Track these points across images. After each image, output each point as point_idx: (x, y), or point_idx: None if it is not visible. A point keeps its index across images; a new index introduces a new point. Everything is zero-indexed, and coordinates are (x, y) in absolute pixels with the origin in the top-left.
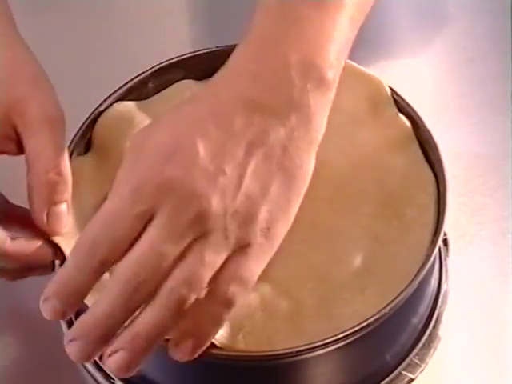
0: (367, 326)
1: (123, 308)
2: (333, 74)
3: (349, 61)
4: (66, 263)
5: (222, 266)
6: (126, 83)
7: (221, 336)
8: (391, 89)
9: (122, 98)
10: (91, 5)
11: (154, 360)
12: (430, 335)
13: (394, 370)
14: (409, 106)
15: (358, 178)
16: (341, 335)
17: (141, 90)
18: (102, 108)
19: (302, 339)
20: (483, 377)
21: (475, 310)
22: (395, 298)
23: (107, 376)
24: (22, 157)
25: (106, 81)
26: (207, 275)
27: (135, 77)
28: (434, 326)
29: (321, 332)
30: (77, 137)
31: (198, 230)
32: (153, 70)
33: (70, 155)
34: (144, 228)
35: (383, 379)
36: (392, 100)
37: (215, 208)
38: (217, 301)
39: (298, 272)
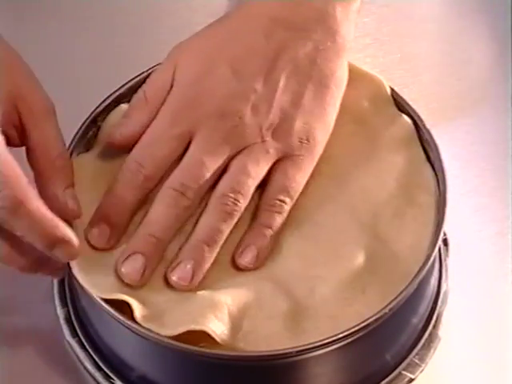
0: (367, 325)
1: (174, 212)
2: None
3: (350, 61)
4: (113, 186)
5: (269, 178)
6: (126, 83)
7: (221, 333)
8: (391, 88)
9: (122, 98)
10: (91, 5)
11: (154, 360)
12: (430, 335)
13: (394, 369)
14: (409, 105)
15: (359, 176)
16: (341, 335)
17: None
18: (101, 108)
19: (302, 339)
20: (483, 377)
21: (475, 310)
22: (395, 297)
23: (107, 376)
24: (21, 157)
25: (106, 81)
26: (251, 183)
27: (135, 77)
28: (434, 326)
29: (321, 332)
30: (77, 137)
31: (235, 144)
32: (153, 70)
33: (70, 155)
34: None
35: (383, 379)
36: (392, 99)
37: (248, 123)
38: (267, 210)
39: (299, 271)
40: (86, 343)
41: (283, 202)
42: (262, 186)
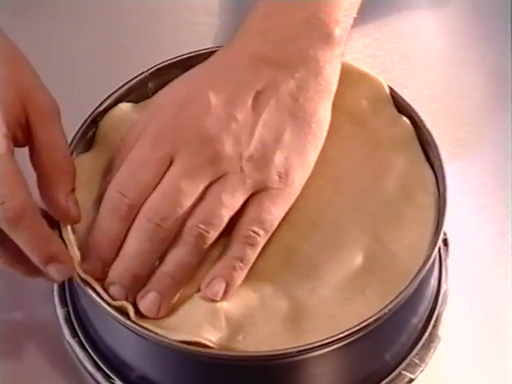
0: (367, 325)
1: (149, 247)
2: (340, 31)
3: (349, 61)
4: (98, 218)
5: (244, 209)
6: (126, 83)
7: (218, 339)
8: (391, 89)
9: (122, 98)
10: (91, 5)
11: (154, 360)
12: (430, 335)
13: (394, 370)
14: (409, 106)
15: (358, 177)
16: (341, 335)
17: (141, 89)
18: (101, 108)
19: (302, 339)
20: (483, 377)
21: (475, 310)
22: (395, 297)
23: (107, 376)
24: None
25: (106, 81)
26: (225, 214)
27: (135, 77)
28: (434, 326)
29: (321, 332)
30: (77, 137)
31: (214, 171)
32: (153, 69)
33: (70, 155)
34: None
35: (383, 379)
36: (391, 100)
37: (229, 151)
38: (240, 242)
39: (299, 271)
40: (85, 343)
41: (257, 233)
42: (236, 218)
